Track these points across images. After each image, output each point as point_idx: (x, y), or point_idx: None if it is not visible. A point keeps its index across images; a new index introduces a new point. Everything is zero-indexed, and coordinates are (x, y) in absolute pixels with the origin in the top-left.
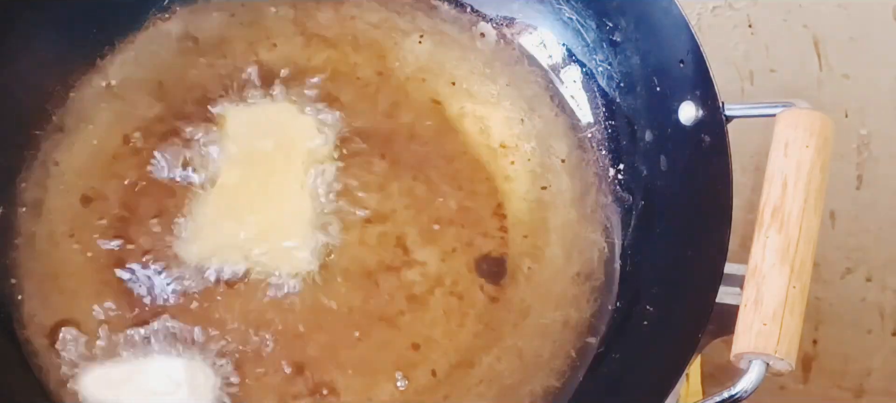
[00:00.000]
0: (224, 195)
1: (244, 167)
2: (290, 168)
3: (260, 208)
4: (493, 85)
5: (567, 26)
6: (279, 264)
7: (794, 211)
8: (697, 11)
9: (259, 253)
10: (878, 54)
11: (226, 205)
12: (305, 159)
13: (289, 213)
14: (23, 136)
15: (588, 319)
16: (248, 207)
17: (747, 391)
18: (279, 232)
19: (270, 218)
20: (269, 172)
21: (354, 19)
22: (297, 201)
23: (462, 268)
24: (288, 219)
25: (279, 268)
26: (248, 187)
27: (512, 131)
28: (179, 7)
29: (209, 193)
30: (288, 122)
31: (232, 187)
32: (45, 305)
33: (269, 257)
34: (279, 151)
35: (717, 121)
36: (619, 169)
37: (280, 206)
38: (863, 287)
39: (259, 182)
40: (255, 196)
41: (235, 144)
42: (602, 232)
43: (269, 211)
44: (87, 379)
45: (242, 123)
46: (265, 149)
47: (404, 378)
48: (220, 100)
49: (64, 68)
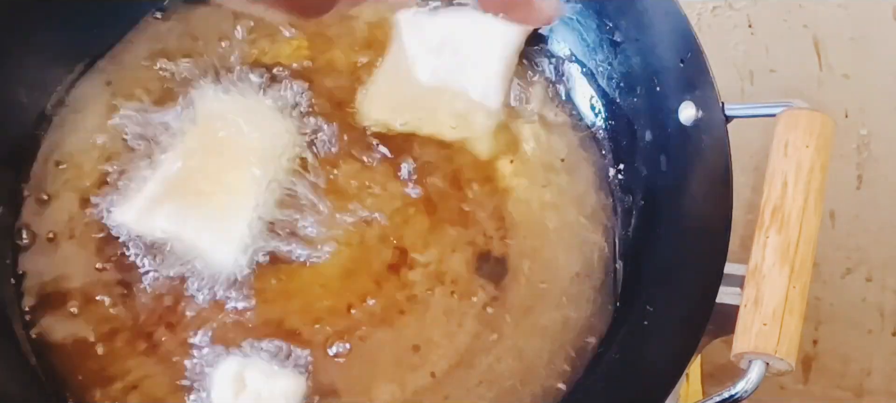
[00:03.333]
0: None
1: (202, 156)
2: (247, 165)
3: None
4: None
5: (567, 26)
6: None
7: (794, 211)
8: (697, 11)
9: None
10: (878, 54)
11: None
12: (265, 158)
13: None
14: (23, 136)
15: (588, 319)
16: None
17: (747, 391)
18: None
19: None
20: (226, 165)
21: (354, 19)
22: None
23: (462, 268)
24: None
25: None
26: (199, 176)
27: (512, 131)
28: (178, 6)
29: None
30: (263, 119)
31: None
32: (45, 305)
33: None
34: (242, 146)
35: (717, 121)
36: (619, 169)
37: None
38: (863, 287)
39: (212, 172)
40: (205, 186)
41: (202, 134)
42: (602, 232)
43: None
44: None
45: (216, 114)
46: (229, 140)
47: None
48: (204, 88)
49: (64, 68)
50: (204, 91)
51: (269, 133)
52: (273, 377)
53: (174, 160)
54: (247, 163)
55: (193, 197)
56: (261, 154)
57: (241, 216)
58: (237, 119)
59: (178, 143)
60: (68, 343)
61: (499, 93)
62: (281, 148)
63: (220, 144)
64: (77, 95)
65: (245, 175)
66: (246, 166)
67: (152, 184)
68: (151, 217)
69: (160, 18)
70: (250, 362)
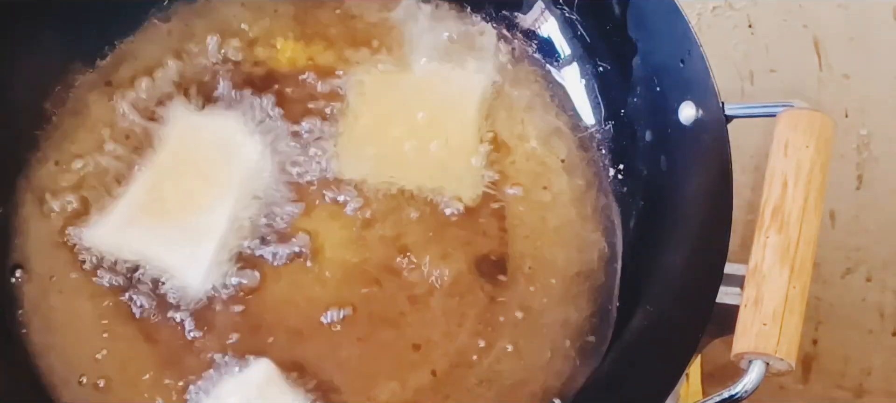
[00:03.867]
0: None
1: (174, 174)
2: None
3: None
4: (494, 84)
5: (567, 26)
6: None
7: (794, 211)
8: (697, 11)
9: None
10: (878, 54)
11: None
12: (238, 176)
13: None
14: (23, 136)
15: (588, 319)
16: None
17: (747, 391)
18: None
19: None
20: (198, 183)
21: (354, 19)
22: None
23: (462, 268)
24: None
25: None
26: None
27: (512, 131)
28: (179, 7)
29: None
30: (236, 136)
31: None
32: (44, 304)
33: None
34: (214, 164)
35: (717, 121)
36: (619, 169)
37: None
38: (863, 287)
39: (183, 191)
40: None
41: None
42: (602, 232)
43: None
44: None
45: (189, 131)
46: (202, 158)
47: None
48: (178, 104)
49: (64, 68)
50: (177, 107)
51: (242, 150)
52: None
53: (145, 178)
54: (219, 181)
55: (163, 216)
56: (233, 172)
57: (212, 235)
58: (211, 136)
59: (150, 160)
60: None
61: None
62: (254, 165)
63: (193, 162)
64: (77, 95)
65: (217, 193)
66: (218, 185)
67: (123, 203)
68: (122, 238)
69: (161, 18)
70: (246, 378)
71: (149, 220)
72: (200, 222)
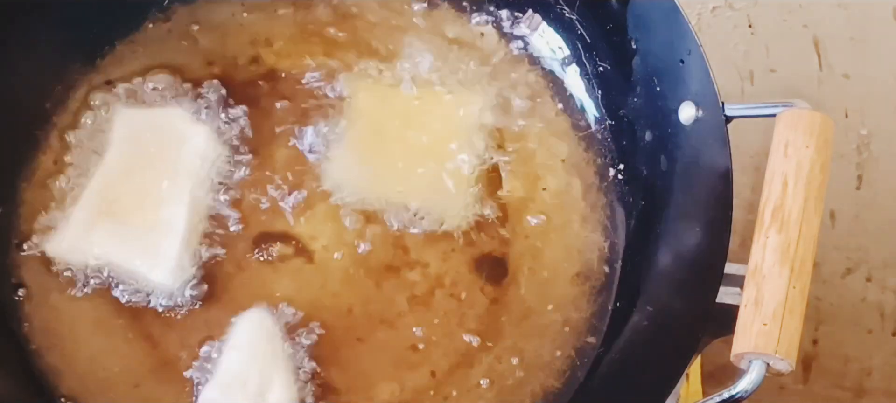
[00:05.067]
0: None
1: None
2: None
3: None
4: (494, 85)
5: (567, 26)
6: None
7: (794, 211)
8: (697, 11)
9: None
10: (878, 54)
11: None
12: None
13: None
14: (23, 136)
15: (588, 319)
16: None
17: (747, 391)
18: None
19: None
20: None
21: (354, 19)
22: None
23: (462, 268)
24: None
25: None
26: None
27: (512, 131)
28: (179, 7)
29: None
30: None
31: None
32: (44, 304)
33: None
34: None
35: (717, 121)
36: (619, 169)
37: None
38: (863, 287)
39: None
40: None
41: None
42: (602, 232)
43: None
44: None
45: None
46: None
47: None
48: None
49: (64, 68)
50: (119, 107)
51: (190, 139)
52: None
53: (97, 181)
54: (172, 172)
55: (122, 217)
56: (184, 161)
57: (175, 228)
58: (157, 130)
59: (99, 163)
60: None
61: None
62: (203, 151)
63: (143, 159)
64: (77, 95)
65: (172, 185)
66: (172, 176)
67: (78, 208)
68: (83, 244)
69: (161, 18)
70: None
71: (108, 223)
72: (161, 216)
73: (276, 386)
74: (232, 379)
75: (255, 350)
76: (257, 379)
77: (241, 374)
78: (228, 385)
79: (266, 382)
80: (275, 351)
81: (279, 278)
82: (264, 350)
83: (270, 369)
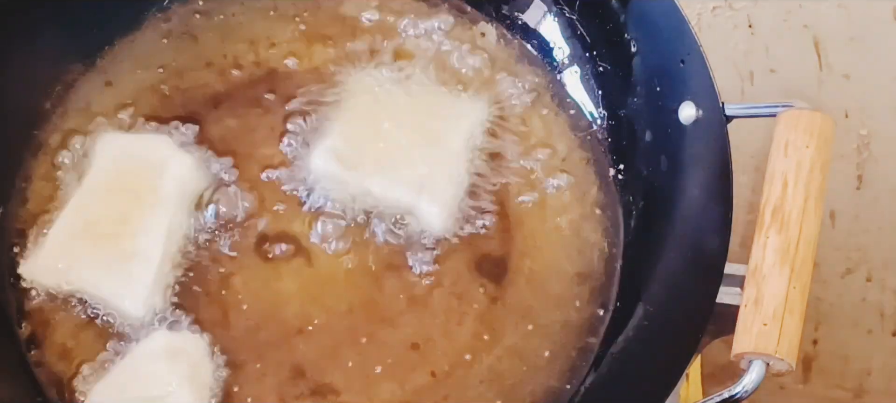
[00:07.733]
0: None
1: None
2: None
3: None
4: (494, 85)
5: (567, 26)
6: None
7: (794, 211)
8: (697, 11)
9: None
10: (878, 54)
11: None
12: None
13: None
14: (23, 136)
15: (588, 319)
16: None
17: (747, 391)
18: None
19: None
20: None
21: (353, 19)
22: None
23: (462, 268)
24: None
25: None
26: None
27: (512, 131)
28: (179, 6)
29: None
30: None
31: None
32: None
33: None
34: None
35: (717, 121)
36: (619, 169)
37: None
38: (863, 287)
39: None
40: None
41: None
42: (602, 232)
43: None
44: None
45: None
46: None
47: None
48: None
49: (64, 67)
50: (103, 131)
51: (172, 166)
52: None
53: (75, 204)
54: (152, 200)
55: (97, 241)
56: (165, 189)
57: (149, 258)
58: (138, 156)
59: (78, 186)
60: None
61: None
62: (186, 178)
63: (123, 184)
64: (77, 95)
65: (151, 213)
66: (151, 204)
67: (54, 232)
68: (58, 266)
69: (162, 18)
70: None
71: (82, 247)
72: (137, 245)
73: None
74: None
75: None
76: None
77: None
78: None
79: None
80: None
81: (279, 278)
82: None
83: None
